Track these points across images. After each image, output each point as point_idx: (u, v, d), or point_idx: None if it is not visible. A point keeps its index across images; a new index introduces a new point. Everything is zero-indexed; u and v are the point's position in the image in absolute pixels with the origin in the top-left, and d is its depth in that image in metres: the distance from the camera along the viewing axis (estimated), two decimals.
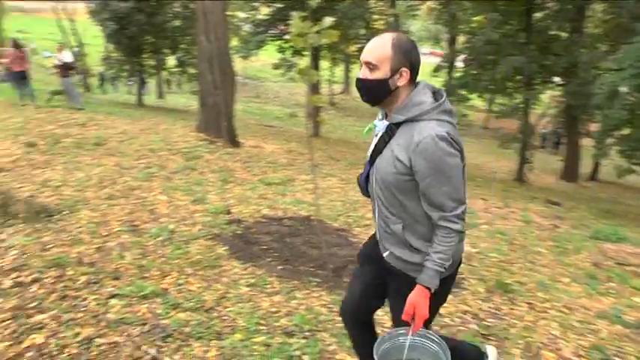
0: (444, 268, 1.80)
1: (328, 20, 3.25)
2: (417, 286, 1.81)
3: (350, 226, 5.33)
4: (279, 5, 16.47)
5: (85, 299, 3.17)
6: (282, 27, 17.05)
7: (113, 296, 3.25)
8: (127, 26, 16.77)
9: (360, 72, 1.82)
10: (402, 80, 1.78)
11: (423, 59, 1.83)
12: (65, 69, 12.31)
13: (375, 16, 19.22)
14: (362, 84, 1.81)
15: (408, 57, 1.76)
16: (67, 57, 12.47)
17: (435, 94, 1.84)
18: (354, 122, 24.50)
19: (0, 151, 6.52)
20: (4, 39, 30.30)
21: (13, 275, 3.32)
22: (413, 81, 1.82)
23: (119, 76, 20.21)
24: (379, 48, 1.76)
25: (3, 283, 3.20)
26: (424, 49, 39.22)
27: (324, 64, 23.97)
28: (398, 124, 1.81)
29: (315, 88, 12.78)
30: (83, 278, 3.43)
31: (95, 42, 27.66)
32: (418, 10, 28.73)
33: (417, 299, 1.81)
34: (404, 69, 1.77)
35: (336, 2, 14.80)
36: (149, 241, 4.25)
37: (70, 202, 4.92)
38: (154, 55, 19.03)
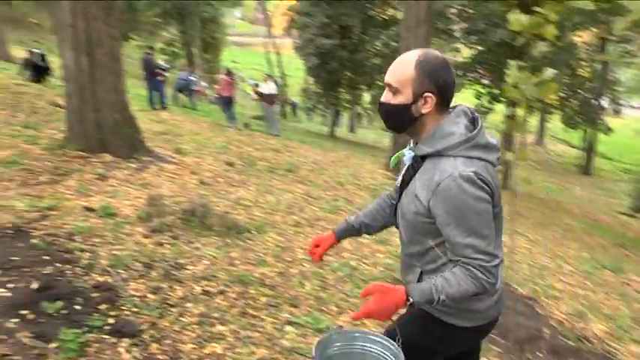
0: (439, 298, 1.58)
1: (550, 72, 3.07)
2: (399, 287, 1.62)
3: (537, 295, 5.00)
4: (481, 48, 16.30)
5: (262, 320, 3.38)
6: (483, 72, 16.80)
7: (289, 323, 3.40)
8: (329, 61, 18.41)
9: (383, 95, 1.69)
10: (426, 107, 1.63)
11: (632, 113, 1.47)
12: (269, 98, 13.91)
13: (583, 63, 17.90)
14: (382, 108, 1.69)
15: (434, 79, 1.60)
16: (272, 88, 14.08)
17: (473, 122, 1.66)
18: (545, 177, 22.58)
19: (205, 166, 7.51)
20: (219, 67, 35.63)
21: (203, 283, 3.71)
22: (443, 107, 1.65)
23: (315, 107, 22.03)
24: (401, 68, 1.62)
25: (194, 289, 3.59)
26: (635, 102, 33.47)
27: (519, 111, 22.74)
28: (423, 157, 1.66)
29: (508, 140, 12.19)
30: (263, 299, 3.67)
31: (296, 74, 30.85)
32: (635, 57, 25.11)
33: (387, 295, 1.60)
34: (428, 94, 1.61)
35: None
36: (329, 275, 4.39)
37: (259, 223, 5.38)
38: (350, 90, 20.38)
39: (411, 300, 1.60)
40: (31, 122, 7.64)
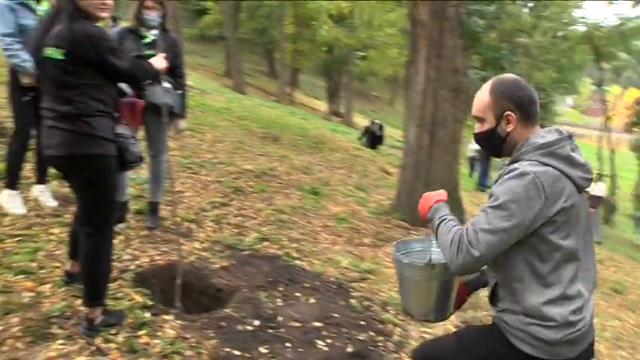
0: (436, 224, 1.78)
1: None
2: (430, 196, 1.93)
3: None
4: None
5: None
6: None
7: None
8: None
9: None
10: (510, 125, 1.75)
11: None
12: (596, 200, 12.56)
13: None
14: (476, 138, 1.85)
15: (510, 98, 1.74)
16: (601, 189, 12.74)
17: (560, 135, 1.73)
18: None
19: None
20: None
21: None
22: (529, 122, 1.76)
23: None
24: (479, 98, 1.79)
25: None
26: None
27: None
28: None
29: None
30: None
31: (627, 175, 27.23)
32: None
33: (423, 198, 1.95)
34: (508, 112, 1.74)
35: None
36: None
37: None
38: None
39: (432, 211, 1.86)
40: (362, 184, 8.48)
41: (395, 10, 18.29)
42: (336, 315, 3.55)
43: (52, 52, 2.33)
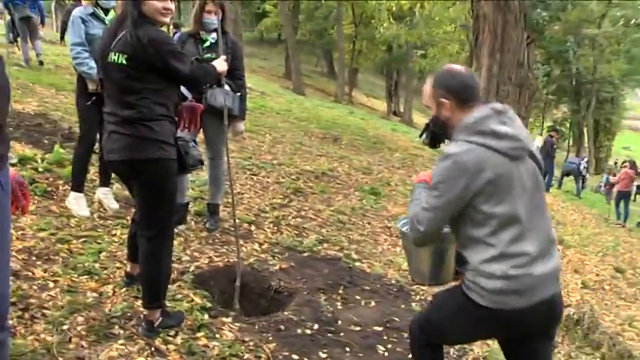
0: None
1: None
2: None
3: None
4: None
5: None
6: None
7: None
8: None
9: None
10: (445, 110, 1.96)
11: None
12: None
13: None
14: (429, 125, 2.09)
15: (445, 86, 1.95)
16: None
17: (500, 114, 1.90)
18: None
19: (589, 266, 6.64)
20: (610, 153, 32.41)
21: None
22: (465, 106, 1.92)
23: None
24: (424, 89, 2.03)
25: None
26: None
27: None
28: None
29: None
30: None
31: None
32: None
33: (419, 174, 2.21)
34: (442, 100, 1.95)
35: None
36: None
37: None
38: None
39: None
40: None
41: (455, 5, 17.83)
42: (396, 319, 3.43)
43: (116, 57, 2.36)
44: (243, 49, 4.67)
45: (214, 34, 3.81)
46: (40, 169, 4.27)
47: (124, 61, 2.35)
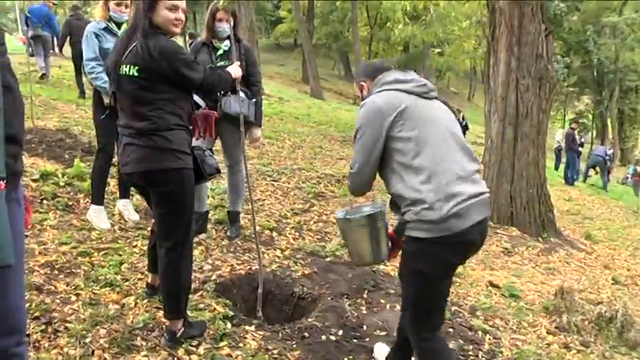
0: None
1: None
2: None
3: None
4: None
5: None
6: None
7: None
8: None
9: None
10: (365, 90, 2.38)
11: None
12: None
13: None
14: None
15: (363, 73, 2.43)
16: None
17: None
18: None
19: (620, 261, 6.44)
20: (637, 145, 31.63)
21: None
22: (374, 79, 2.33)
23: None
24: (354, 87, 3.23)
25: None
26: None
27: None
28: None
29: None
30: None
31: None
32: None
33: None
34: (362, 83, 2.40)
35: None
36: None
37: None
38: None
39: None
40: None
41: (470, 1, 17.61)
42: None
43: (127, 69, 2.35)
44: (259, 55, 4.64)
45: (227, 42, 3.80)
46: (62, 184, 4.30)
47: (136, 73, 2.34)
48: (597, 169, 15.67)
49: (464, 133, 15.12)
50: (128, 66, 2.35)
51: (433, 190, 2.05)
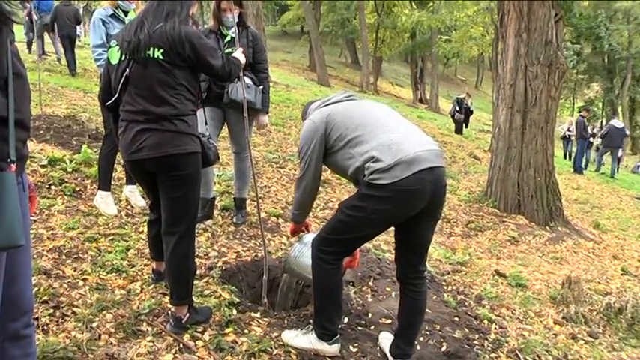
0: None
1: None
2: None
3: None
4: None
5: None
6: None
7: None
8: None
9: None
10: None
11: None
12: None
13: None
14: None
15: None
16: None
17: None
18: None
19: (629, 251, 6.40)
20: None
21: None
22: None
23: None
24: None
25: None
26: None
27: None
28: None
29: None
30: None
31: None
32: None
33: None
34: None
35: None
36: None
37: None
38: None
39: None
40: (452, 171, 8.12)
41: None
42: (428, 310, 3.33)
43: (151, 52, 2.34)
44: (266, 43, 4.62)
45: (233, 29, 3.79)
46: (69, 170, 4.31)
47: (161, 56, 2.34)
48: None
49: (468, 116, 15.08)
50: (152, 48, 2.34)
51: (377, 148, 2.27)
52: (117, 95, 2.45)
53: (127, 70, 2.39)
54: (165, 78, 2.35)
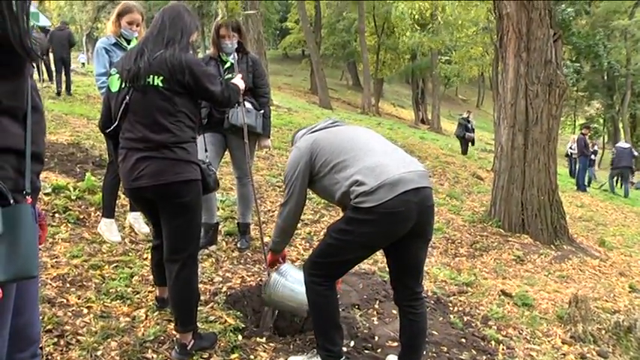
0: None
1: None
2: None
3: None
4: None
5: None
6: None
7: None
8: None
9: None
10: None
11: None
12: None
13: None
14: None
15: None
16: None
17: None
18: None
19: (636, 268, 6.35)
20: None
21: None
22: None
23: None
24: None
25: None
26: None
27: None
28: None
29: None
30: None
31: None
32: None
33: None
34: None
35: None
36: None
37: None
38: None
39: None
40: (455, 192, 8.13)
41: (477, 7, 17.60)
42: (435, 332, 3.32)
43: (151, 80, 2.38)
44: (267, 66, 4.69)
45: (233, 55, 3.85)
46: (73, 197, 4.33)
47: (160, 83, 2.37)
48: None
49: (466, 129, 15.24)
50: (152, 76, 2.37)
51: (360, 172, 2.30)
52: (117, 123, 2.48)
53: (127, 97, 2.42)
54: (165, 105, 2.38)
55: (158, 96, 2.37)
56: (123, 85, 2.45)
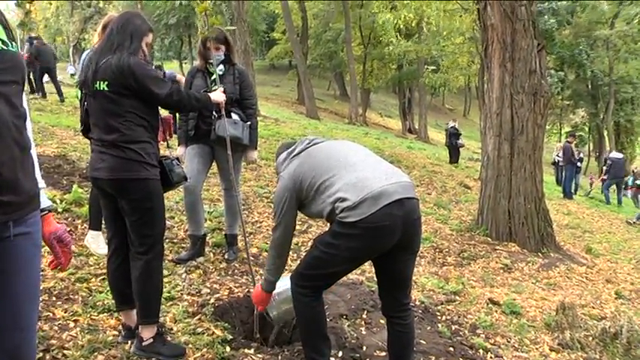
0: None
1: None
2: None
3: None
4: None
5: None
6: None
7: None
8: None
9: None
10: None
11: None
12: None
13: None
14: None
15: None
16: None
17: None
18: None
19: (622, 275, 6.44)
20: (634, 155, 31.78)
21: None
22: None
23: None
24: None
25: None
26: None
27: None
28: None
29: None
30: None
31: None
32: None
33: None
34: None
35: None
36: None
37: None
38: None
39: None
40: (442, 201, 8.19)
41: (462, 17, 17.83)
42: (423, 341, 3.34)
43: (98, 85, 2.51)
44: (254, 77, 4.72)
45: (221, 67, 3.88)
46: (60, 210, 4.31)
47: (106, 87, 2.50)
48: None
49: (457, 138, 15.40)
50: (99, 82, 2.51)
51: (342, 189, 2.31)
52: (84, 126, 2.78)
53: (85, 103, 2.67)
54: (112, 107, 2.52)
55: (105, 99, 2.52)
56: (82, 93, 2.73)
